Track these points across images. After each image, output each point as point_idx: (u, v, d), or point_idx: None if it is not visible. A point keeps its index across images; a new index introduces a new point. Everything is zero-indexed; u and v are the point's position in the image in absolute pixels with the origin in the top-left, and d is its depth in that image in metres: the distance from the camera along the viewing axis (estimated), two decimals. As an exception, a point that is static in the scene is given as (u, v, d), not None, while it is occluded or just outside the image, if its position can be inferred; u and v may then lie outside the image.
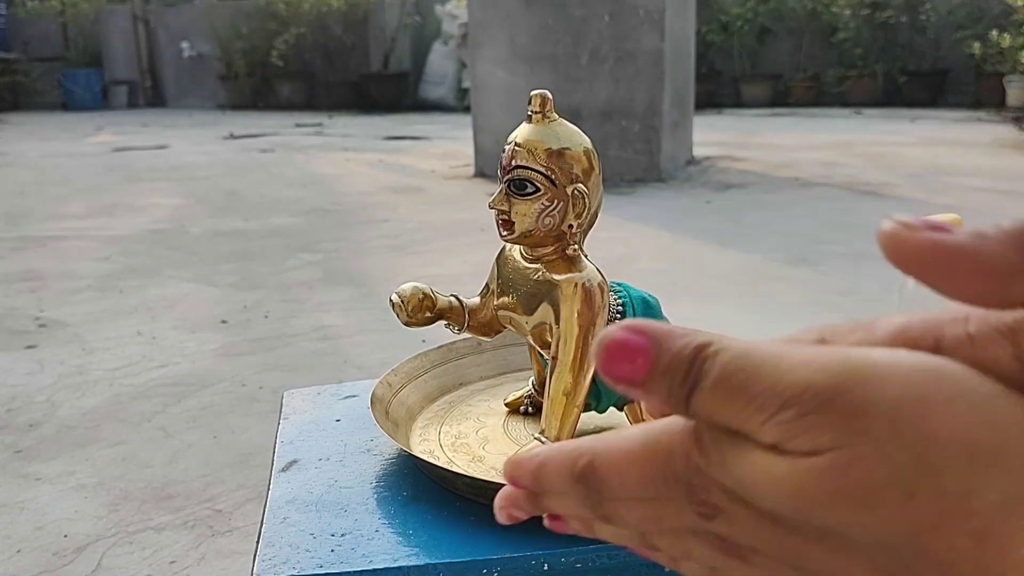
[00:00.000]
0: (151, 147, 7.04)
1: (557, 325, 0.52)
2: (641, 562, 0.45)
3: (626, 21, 4.53)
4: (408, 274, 2.90)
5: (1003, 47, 6.70)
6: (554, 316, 0.52)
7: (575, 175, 0.52)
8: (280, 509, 0.49)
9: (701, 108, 7.20)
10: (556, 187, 0.51)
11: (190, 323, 2.53)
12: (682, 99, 5.04)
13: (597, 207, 0.54)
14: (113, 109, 11.23)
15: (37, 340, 2.41)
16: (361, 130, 8.09)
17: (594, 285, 0.53)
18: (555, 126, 0.52)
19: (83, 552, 1.38)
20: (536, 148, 0.51)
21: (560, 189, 0.51)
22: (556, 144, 0.51)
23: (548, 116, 0.52)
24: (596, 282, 0.53)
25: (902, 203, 3.90)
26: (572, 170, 0.51)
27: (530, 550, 0.44)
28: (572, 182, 0.52)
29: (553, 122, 0.52)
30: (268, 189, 4.88)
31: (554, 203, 0.52)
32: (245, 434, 1.80)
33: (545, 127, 0.52)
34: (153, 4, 11.90)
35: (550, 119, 0.52)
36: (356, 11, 10.27)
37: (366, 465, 0.54)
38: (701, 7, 8.01)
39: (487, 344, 0.67)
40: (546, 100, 0.52)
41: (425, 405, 0.63)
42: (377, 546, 0.45)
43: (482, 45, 4.87)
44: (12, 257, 3.42)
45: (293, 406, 0.65)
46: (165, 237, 3.72)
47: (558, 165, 0.51)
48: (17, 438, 1.80)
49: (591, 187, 0.52)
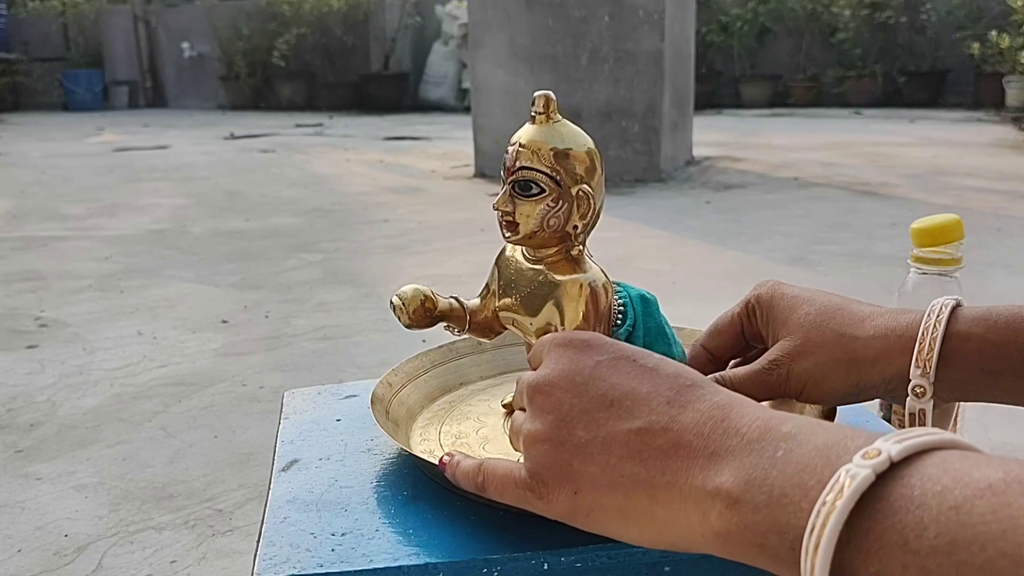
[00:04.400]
0: (152, 147, 7.05)
1: (563, 326, 0.52)
2: (640, 562, 0.45)
3: (626, 21, 4.54)
4: (408, 274, 2.90)
5: (1002, 47, 6.70)
6: (559, 317, 0.52)
7: (579, 175, 0.52)
8: (280, 508, 0.49)
9: (701, 108, 7.20)
10: (561, 188, 0.51)
11: (191, 323, 2.53)
12: (682, 99, 5.04)
13: (600, 207, 0.54)
14: (114, 109, 11.23)
15: (38, 340, 2.41)
16: (361, 130, 8.10)
17: (599, 286, 0.53)
18: (559, 127, 0.52)
19: (83, 552, 1.38)
20: (540, 149, 0.51)
21: (565, 190, 0.51)
22: (561, 144, 0.51)
23: (552, 117, 0.52)
24: (601, 283, 0.53)
25: (902, 203, 3.90)
26: (576, 171, 0.51)
27: (530, 550, 0.44)
28: (577, 183, 0.51)
29: (557, 123, 0.52)
30: (269, 189, 4.88)
31: (559, 204, 0.51)
32: (246, 434, 1.80)
33: (549, 128, 0.52)
34: (154, 4, 11.90)
35: (554, 120, 0.52)
36: (356, 12, 10.27)
37: (366, 465, 0.55)
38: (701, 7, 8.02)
39: (487, 344, 0.67)
40: (550, 101, 0.52)
41: (425, 405, 0.63)
42: (377, 545, 0.45)
43: (482, 45, 4.87)
44: (13, 257, 3.42)
45: (294, 406, 0.65)
46: (166, 237, 3.72)
47: (563, 166, 0.51)
48: (17, 438, 1.80)
49: (595, 187, 0.52)
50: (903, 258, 0.69)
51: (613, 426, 0.35)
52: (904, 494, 0.27)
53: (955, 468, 0.27)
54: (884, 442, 0.28)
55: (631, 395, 0.36)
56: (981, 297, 0.58)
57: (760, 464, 0.31)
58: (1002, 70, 7.44)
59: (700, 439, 0.33)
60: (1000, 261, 2.88)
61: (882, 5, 8.84)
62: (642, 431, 0.35)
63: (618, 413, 0.36)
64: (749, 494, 0.31)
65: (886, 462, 0.27)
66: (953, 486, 0.26)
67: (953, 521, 0.25)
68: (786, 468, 0.30)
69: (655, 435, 0.34)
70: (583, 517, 0.37)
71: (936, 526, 0.25)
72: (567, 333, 0.43)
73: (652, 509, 0.34)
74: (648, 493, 0.34)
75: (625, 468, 0.35)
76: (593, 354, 0.39)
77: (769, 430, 0.32)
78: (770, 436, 0.32)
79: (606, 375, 0.37)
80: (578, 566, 0.44)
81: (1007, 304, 0.47)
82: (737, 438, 0.32)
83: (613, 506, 0.35)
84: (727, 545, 0.32)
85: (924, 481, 0.27)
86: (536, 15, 4.67)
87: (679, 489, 0.33)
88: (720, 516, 0.32)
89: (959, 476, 0.26)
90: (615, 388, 0.36)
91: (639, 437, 0.35)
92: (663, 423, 0.34)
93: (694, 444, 0.33)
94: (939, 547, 0.25)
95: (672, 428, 0.34)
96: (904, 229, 0.66)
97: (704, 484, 0.32)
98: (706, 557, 0.45)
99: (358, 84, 10.48)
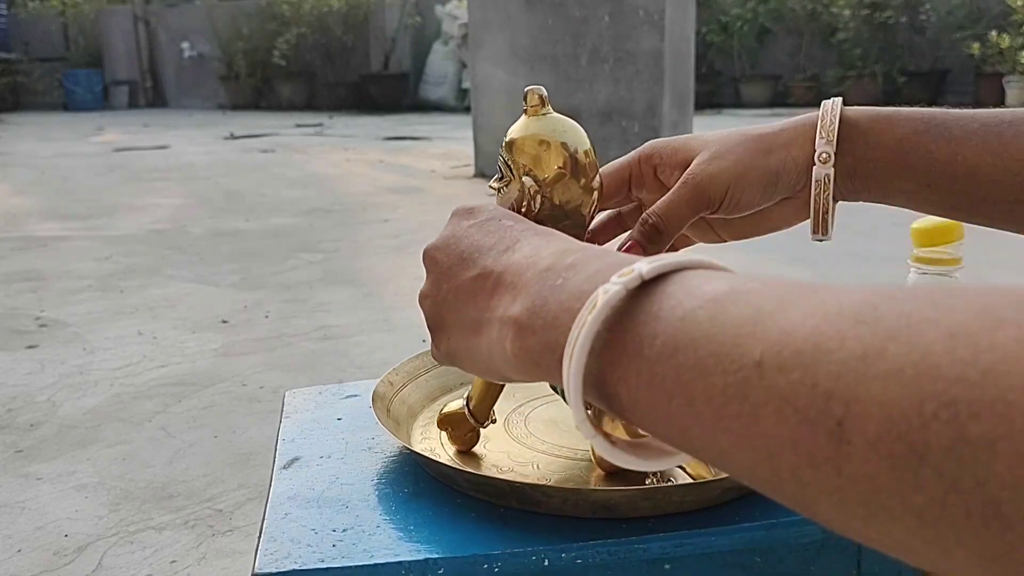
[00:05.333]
0: (152, 147, 7.05)
1: None
2: (641, 558, 0.45)
3: (626, 21, 4.54)
4: (408, 274, 2.90)
5: (1002, 47, 6.70)
6: None
7: (523, 165, 0.50)
8: (281, 505, 0.49)
9: (701, 108, 7.20)
10: (513, 176, 0.51)
11: (191, 323, 2.53)
12: (682, 99, 5.04)
13: (571, 207, 0.52)
14: (114, 109, 11.23)
15: (38, 340, 2.42)
16: (361, 130, 8.10)
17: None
18: (539, 120, 0.51)
19: (84, 552, 1.38)
20: (504, 138, 0.51)
21: (516, 178, 0.50)
22: (516, 135, 0.51)
23: (536, 110, 0.51)
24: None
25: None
26: (520, 161, 0.50)
27: (530, 546, 0.44)
28: (524, 174, 0.50)
29: (541, 116, 0.51)
30: (269, 189, 4.88)
31: (511, 191, 0.51)
32: (246, 434, 1.80)
33: (530, 120, 0.51)
34: (154, 4, 11.91)
35: (541, 113, 0.51)
36: (356, 12, 10.28)
37: (367, 462, 0.55)
38: (701, 7, 8.02)
39: None
40: (532, 95, 0.51)
41: (427, 403, 0.63)
42: (378, 541, 0.45)
43: (482, 45, 4.87)
44: (13, 257, 3.42)
45: (294, 405, 0.66)
46: (166, 237, 3.72)
47: (510, 155, 0.50)
48: (18, 438, 1.80)
49: (546, 181, 0.50)
50: (903, 258, 0.69)
51: (461, 275, 0.40)
52: (646, 309, 0.29)
53: (691, 284, 0.29)
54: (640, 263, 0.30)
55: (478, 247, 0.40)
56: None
57: (542, 293, 0.34)
58: (1002, 70, 7.44)
59: (513, 275, 0.37)
60: (1000, 261, 2.88)
61: (882, 5, 8.84)
62: (477, 277, 0.39)
63: (466, 264, 0.40)
64: (531, 320, 0.34)
65: (637, 279, 0.29)
66: (685, 299, 0.28)
67: (678, 330, 0.27)
68: (560, 295, 0.33)
69: (485, 279, 0.38)
70: (459, 362, 0.41)
71: (664, 336, 0.28)
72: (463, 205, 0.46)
73: (479, 344, 0.38)
74: (476, 330, 0.38)
75: (465, 311, 0.39)
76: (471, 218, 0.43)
77: (557, 261, 0.35)
78: (557, 267, 0.35)
79: (471, 234, 0.42)
80: (578, 562, 0.44)
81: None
82: (533, 271, 0.36)
83: (463, 346, 0.40)
84: (517, 367, 0.35)
85: (664, 297, 0.29)
86: (536, 15, 4.67)
87: (492, 323, 0.37)
88: (511, 342, 0.35)
89: (692, 290, 0.28)
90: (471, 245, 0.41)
91: (474, 282, 0.39)
92: (492, 267, 0.38)
93: (508, 282, 0.37)
94: (664, 353, 0.27)
95: (496, 270, 0.38)
96: (904, 229, 0.66)
97: (504, 315, 0.36)
98: (706, 554, 0.45)
99: (358, 84, 10.49)
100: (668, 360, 0.27)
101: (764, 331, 0.25)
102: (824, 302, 0.24)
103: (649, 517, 0.46)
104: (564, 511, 0.46)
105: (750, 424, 0.24)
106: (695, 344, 0.26)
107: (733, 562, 0.46)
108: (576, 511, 0.46)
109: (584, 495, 0.44)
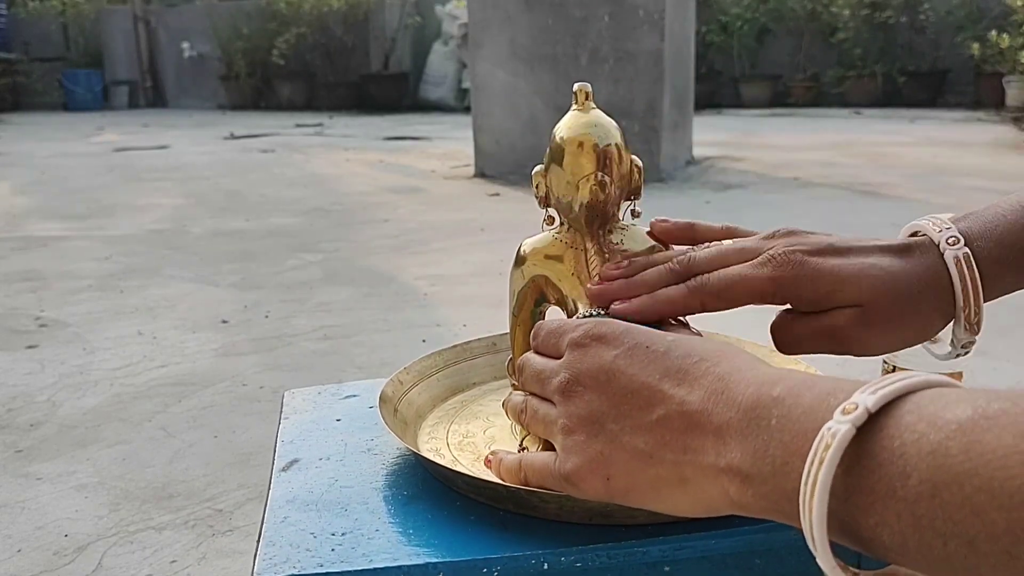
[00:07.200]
0: (152, 147, 7.05)
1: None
2: (641, 562, 0.45)
3: (626, 21, 4.53)
4: (408, 274, 2.90)
5: (1002, 47, 6.70)
6: None
7: (543, 161, 0.54)
8: (280, 508, 0.49)
9: (701, 108, 7.20)
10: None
11: (191, 323, 2.53)
12: (682, 99, 5.04)
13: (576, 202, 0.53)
14: (114, 109, 11.23)
15: (38, 340, 2.42)
16: (361, 130, 8.10)
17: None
18: (580, 116, 0.54)
19: (83, 552, 1.38)
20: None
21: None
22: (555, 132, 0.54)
23: (584, 106, 0.54)
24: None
25: (902, 203, 3.90)
26: (544, 156, 0.54)
27: (530, 549, 0.44)
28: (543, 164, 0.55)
29: (586, 112, 0.54)
30: (269, 189, 4.88)
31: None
32: (245, 434, 1.80)
33: (574, 115, 0.54)
34: (154, 4, 11.90)
35: (587, 108, 0.54)
36: (356, 11, 10.27)
37: (366, 464, 0.55)
38: (701, 7, 8.01)
39: (502, 344, 0.67)
40: (580, 92, 0.54)
41: (436, 404, 0.63)
42: (377, 545, 0.45)
43: (482, 45, 4.87)
44: (13, 257, 3.42)
45: (294, 406, 0.65)
46: (166, 237, 3.72)
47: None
48: (18, 438, 1.80)
49: (548, 173, 0.54)
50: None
51: (637, 417, 0.39)
52: (886, 446, 0.28)
53: (929, 412, 0.28)
54: (861, 394, 0.30)
55: (648, 386, 0.39)
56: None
57: (760, 436, 0.33)
58: (1002, 70, 7.43)
59: (706, 416, 0.36)
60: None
61: (882, 5, 8.84)
62: (662, 419, 0.38)
63: (639, 404, 0.39)
64: (756, 467, 0.33)
65: (864, 415, 0.29)
66: (928, 431, 0.27)
67: (932, 465, 0.27)
68: (782, 436, 0.32)
69: (672, 419, 0.38)
70: (620, 497, 0.40)
71: (918, 473, 0.27)
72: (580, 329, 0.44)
73: (680, 485, 0.38)
74: (674, 471, 0.38)
75: (653, 452, 0.38)
76: (610, 348, 0.42)
77: (761, 396, 0.34)
78: (763, 404, 0.34)
79: (624, 367, 0.41)
80: (578, 566, 0.44)
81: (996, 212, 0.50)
82: (735, 410, 0.35)
83: (645, 485, 0.39)
84: (750, 512, 0.35)
85: (902, 430, 0.28)
86: (536, 15, 4.67)
87: (698, 467, 0.37)
88: (737, 491, 0.35)
89: (933, 419, 0.27)
90: (633, 380, 0.40)
91: (660, 424, 0.38)
92: (677, 408, 0.38)
93: (703, 423, 0.37)
94: (923, 492, 0.27)
95: (684, 411, 0.37)
96: (904, 229, 0.66)
97: (717, 462, 0.35)
98: (706, 557, 0.45)
99: (358, 84, 10.48)
100: (930, 500, 0.27)
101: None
102: None
103: (647, 525, 0.46)
104: (560, 517, 0.46)
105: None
106: (958, 481, 0.26)
107: (733, 564, 0.45)
108: (572, 517, 0.46)
109: (580, 502, 0.44)
